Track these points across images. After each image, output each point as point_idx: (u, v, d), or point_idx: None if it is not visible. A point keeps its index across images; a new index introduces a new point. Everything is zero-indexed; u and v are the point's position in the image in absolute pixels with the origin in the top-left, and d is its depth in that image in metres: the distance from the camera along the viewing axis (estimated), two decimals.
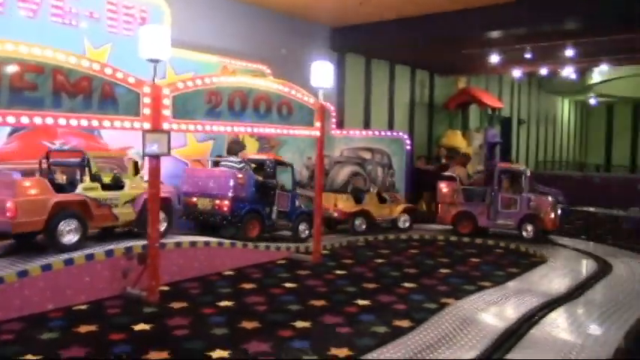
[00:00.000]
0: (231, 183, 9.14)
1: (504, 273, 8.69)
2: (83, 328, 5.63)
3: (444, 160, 15.78)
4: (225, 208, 9.09)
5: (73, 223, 6.73)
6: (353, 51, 14.77)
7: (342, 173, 13.03)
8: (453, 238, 11.58)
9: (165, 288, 7.10)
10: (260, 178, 9.82)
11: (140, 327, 5.73)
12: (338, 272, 8.48)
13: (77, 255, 6.55)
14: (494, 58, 14.14)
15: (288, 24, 12.91)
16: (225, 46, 11.20)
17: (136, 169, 7.81)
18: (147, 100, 6.46)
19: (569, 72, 17.57)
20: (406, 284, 7.81)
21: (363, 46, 14.36)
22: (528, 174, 11.61)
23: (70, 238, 6.71)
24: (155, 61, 6.51)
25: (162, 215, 7.60)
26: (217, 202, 9.15)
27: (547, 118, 26.55)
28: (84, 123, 6.11)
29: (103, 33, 8.89)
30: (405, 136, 13.88)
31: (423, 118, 18.29)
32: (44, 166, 7.32)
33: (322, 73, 8.84)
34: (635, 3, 10.07)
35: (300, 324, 5.96)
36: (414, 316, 6.25)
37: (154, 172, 6.69)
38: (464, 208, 11.77)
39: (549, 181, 14.57)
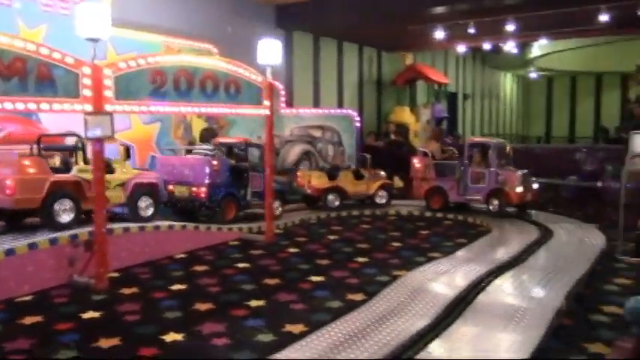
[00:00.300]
0: (207, 170, 9.41)
1: (453, 243, 8.94)
2: (28, 320, 5.44)
3: (392, 136, 16.00)
4: (203, 195, 9.37)
5: (67, 203, 7.00)
6: (300, 29, 14.64)
7: (293, 152, 13.02)
8: (403, 212, 11.81)
9: (115, 274, 6.95)
10: (233, 162, 10.00)
11: (89, 315, 5.60)
12: (291, 250, 8.52)
13: (19, 244, 6.32)
14: (439, 34, 14.32)
15: (234, 2, 12.65)
16: (170, 25, 10.90)
17: (127, 155, 8.09)
18: (87, 81, 6.23)
19: (510, 47, 18.02)
20: (359, 259, 7.93)
21: (310, 24, 14.26)
22: (507, 148, 11.57)
23: (65, 218, 6.98)
24: (94, 41, 6.27)
25: (149, 200, 8.10)
26: (194, 189, 9.40)
27: (491, 93, 27.23)
28: (20, 106, 5.85)
29: (37, 12, 8.49)
30: (355, 113, 13.98)
31: (372, 95, 18.42)
32: (34, 150, 7.39)
33: (269, 50, 8.74)
34: None
35: (254, 303, 5.97)
36: (367, 290, 6.36)
37: (98, 156, 6.50)
38: (435, 183, 11.84)
39: None
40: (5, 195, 6.54)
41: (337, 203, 11.82)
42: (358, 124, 13.87)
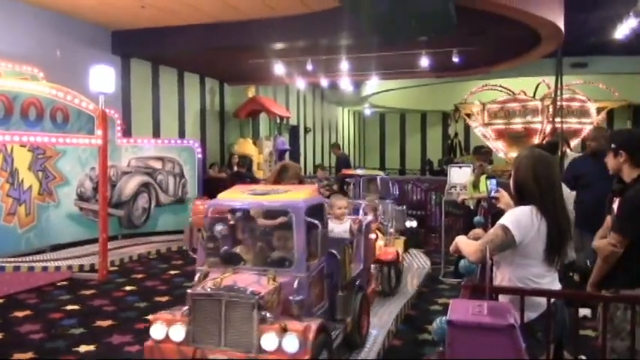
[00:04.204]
0: None
1: None
2: None
3: (236, 168, 16.04)
4: None
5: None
6: (138, 56, 14.15)
7: (131, 184, 12.40)
8: None
9: None
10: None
11: None
12: (127, 288, 8.05)
13: None
14: (279, 69, 14.79)
15: (64, 24, 11.83)
16: None
17: None
18: None
19: (346, 84, 19.19)
20: None
21: (148, 51, 13.85)
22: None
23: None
24: None
25: None
26: None
27: (330, 127, 28.65)
28: None
29: None
30: (197, 145, 13.78)
31: (215, 127, 18.33)
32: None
33: (102, 77, 8.31)
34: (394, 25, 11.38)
35: (83, 348, 5.52)
36: None
37: None
38: None
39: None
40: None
41: None
42: (200, 156, 13.69)
